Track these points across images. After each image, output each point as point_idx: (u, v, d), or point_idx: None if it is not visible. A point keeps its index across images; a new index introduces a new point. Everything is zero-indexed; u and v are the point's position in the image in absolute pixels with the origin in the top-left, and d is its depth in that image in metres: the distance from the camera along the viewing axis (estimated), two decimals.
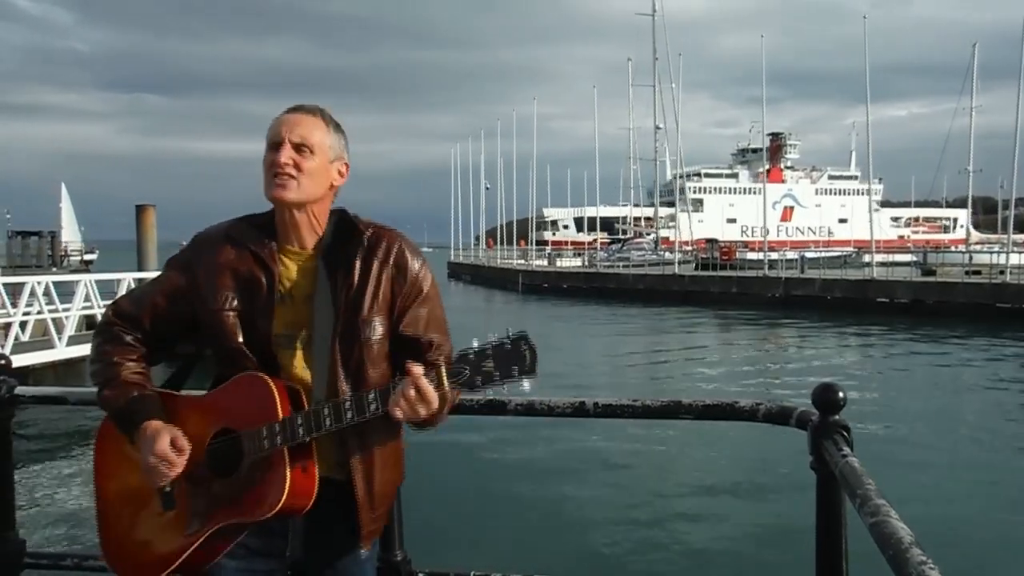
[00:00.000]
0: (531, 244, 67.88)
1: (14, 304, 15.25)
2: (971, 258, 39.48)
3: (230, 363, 1.92)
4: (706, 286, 41.50)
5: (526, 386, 1.73)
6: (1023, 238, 51.09)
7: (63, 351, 14.93)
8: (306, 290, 1.93)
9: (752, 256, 48.63)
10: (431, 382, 1.74)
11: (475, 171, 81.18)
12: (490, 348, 1.72)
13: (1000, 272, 34.00)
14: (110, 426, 1.99)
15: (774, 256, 44.86)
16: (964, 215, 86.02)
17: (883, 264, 40.37)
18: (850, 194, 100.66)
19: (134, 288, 2.19)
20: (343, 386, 1.88)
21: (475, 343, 1.74)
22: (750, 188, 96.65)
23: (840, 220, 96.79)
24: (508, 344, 1.72)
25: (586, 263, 58.59)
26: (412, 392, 1.73)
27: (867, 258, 42.16)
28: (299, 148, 1.92)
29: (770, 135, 66.53)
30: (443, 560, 2.76)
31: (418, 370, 1.74)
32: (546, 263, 61.82)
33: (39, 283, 15.41)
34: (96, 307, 16.34)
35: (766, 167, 61.82)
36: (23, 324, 14.99)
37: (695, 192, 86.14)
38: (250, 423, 1.84)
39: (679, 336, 28.27)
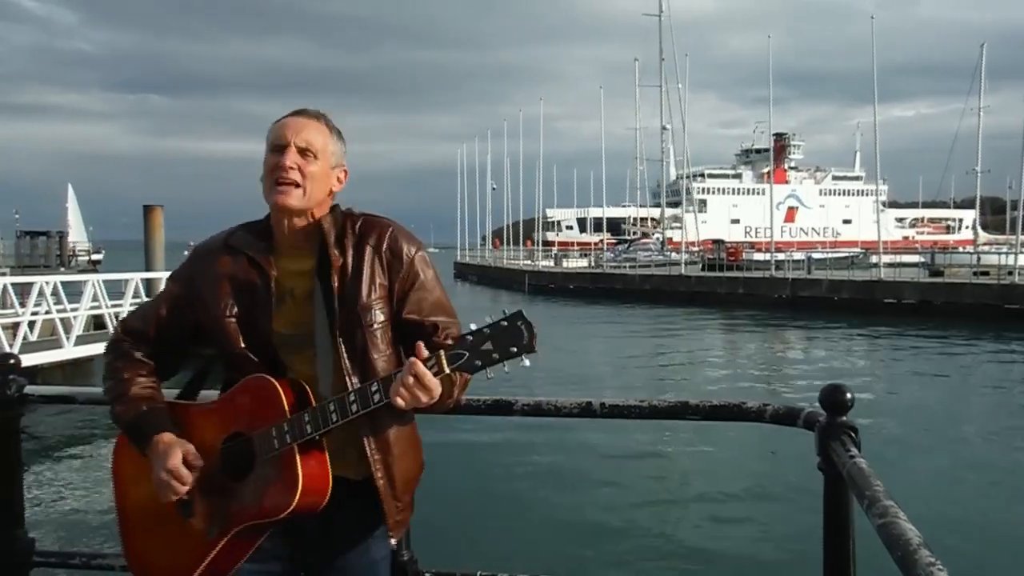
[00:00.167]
0: (538, 245, 67.86)
1: (22, 304, 15.32)
2: (979, 259, 39.31)
3: (236, 368, 1.94)
4: (713, 287, 41.39)
5: (527, 363, 1.73)
6: None
7: (71, 351, 14.98)
8: (306, 289, 1.95)
9: (759, 257, 48.49)
10: (431, 368, 1.74)
11: (481, 171, 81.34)
12: (487, 329, 1.74)
13: (1008, 273, 33.84)
14: (125, 439, 2.02)
15: (781, 257, 44.72)
16: (969, 215, 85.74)
17: (890, 265, 40.23)
18: (854, 195, 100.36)
19: (139, 305, 2.24)
20: (350, 377, 1.89)
21: (472, 326, 1.76)
22: (754, 189, 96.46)
23: (844, 221, 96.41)
24: (505, 323, 1.73)
25: (592, 264, 58.54)
26: (410, 379, 1.74)
27: (874, 259, 42.03)
28: (303, 153, 1.93)
29: (774, 135, 66.28)
30: (449, 560, 2.76)
31: (416, 356, 1.75)
32: (552, 264, 61.81)
33: (47, 283, 15.46)
34: (104, 307, 16.37)
35: (771, 168, 61.70)
36: (31, 324, 15.06)
37: (699, 193, 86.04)
38: (259, 424, 1.86)
39: (686, 337, 28.22)
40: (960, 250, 51.40)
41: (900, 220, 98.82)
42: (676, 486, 10.65)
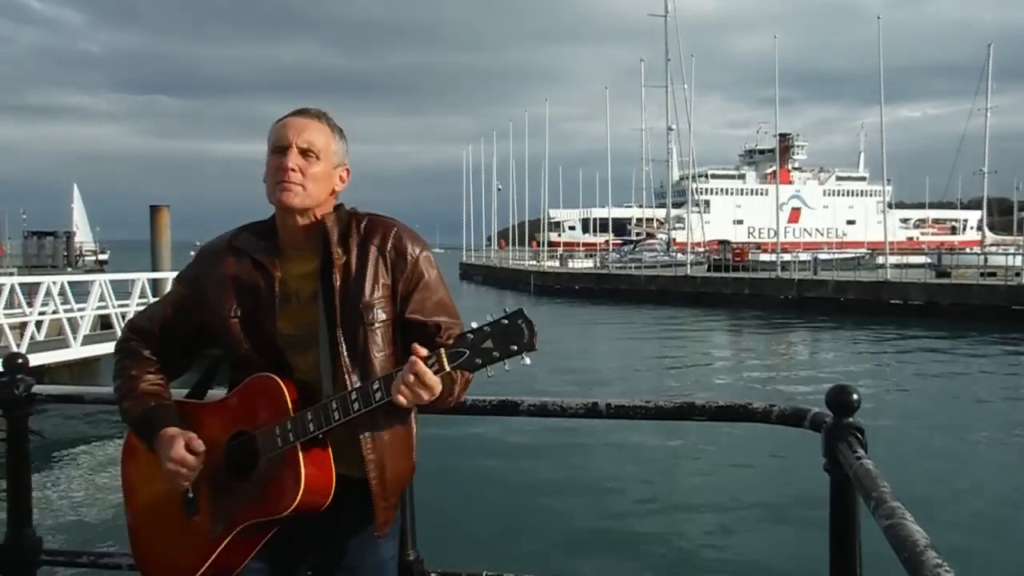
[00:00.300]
0: (543, 245, 67.88)
1: (30, 304, 15.37)
2: (986, 259, 39.16)
3: (242, 368, 1.96)
4: (719, 287, 41.34)
5: (527, 361, 1.73)
6: None
7: (78, 350, 15.03)
8: (311, 290, 1.95)
9: (764, 258, 48.40)
10: (432, 366, 1.74)
11: (487, 172, 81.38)
12: (488, 327, 1.74)
13: (1016, 274, 33.72)
14: (134, 439, 2.04)
15: (787, 257, 44.65)
16: (974, 216, 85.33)
17: (897, 266, 40.11)
18: (858, 195, 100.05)
19: (147, 306, 2.26)
20: (350, 376, 1.90)
21: (473, 324, 1.76)
22: (757, 189, 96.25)
23: (848, 221, 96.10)
24: (505, 321, 1.73)
25: (598, 264, 58.50)
26: (411, 377, 1.74)
27: (880, 259, 41.91)
28: (305, 153, 1.93)
29: (779, 135, 66.20)
30: (456, 560, 2.77)
31: (418, 355, 1.75)
32: (558, 264, 61.79)
33: (54, 283, 15.52)
34: (111, 307, 16.41)
35: (777, 168, 61.56)
36: (39, 323, 15.10)
37: (702, 193, 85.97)
38: (263, 422, 1.87)
39: (692, 337, 28.18)
40: (967, 251, 51.18)
41: (904, 221, 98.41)
42: (682, 487, 10.64)
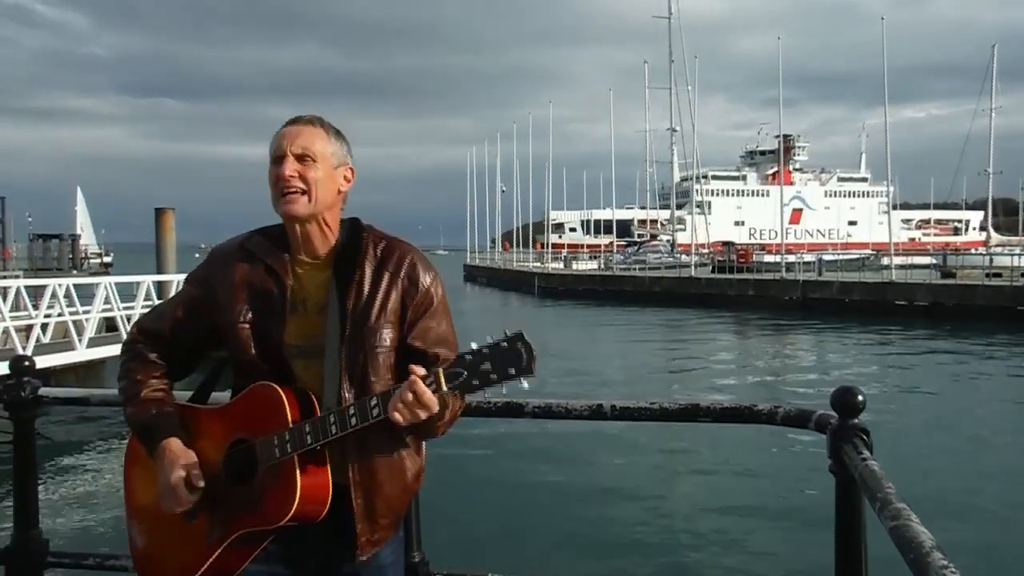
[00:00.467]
0: (547, 247, 67.87)
1: (35, 306, 15.41)
2: (991, 260, 39.06)
3: (246, 374, 1.96)
4: (723, 289, 41.29)
5: (525, 385, 1.72)
6: None
7: (84, 353, 15.04)
8: (320, 301, 1.95)
9: (769, 259, 48.35)
10: (429, 385, 1.75)
11: (491, 174, 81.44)
12: (487, 349, 1.73)
13: (1021, 274, 33.59)
14: (136, 442, 2.05)
15: (791, 259, 44.58)
16: (977, 217, 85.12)
17: (902, 267, 40.03)
18: (859, 196, 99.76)
19: (156, 306, 2.26)
20: (347, 394, 1.90)
21: (473, 345, 1.75)
22: (758, 190, 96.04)
23: (850, 222, 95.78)
24: (505, 344, 1.72)
25: (602, 266, 58.48)
26: (409, 396, 1.74)
27: (885, 260, 41.82)
28: (302, 159, 1.94)
29: (778, 136, 66.18)
30: (461, 562, 2.77)
31: (417, 374, 1.75)
32: (562, 266, 61.78)
33: (60, 285, 15.54)
34: (116, 310, 16.43)
35: (780, 169, 61.45)
36: (44, 326, 15.13)
37: (703, 194, 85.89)
38: (263, 431, 1.87)
39: (696, 339, 28.15)
40: (971, 252, 51.07)
41: (906, 222, 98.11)
42: (687, 488, 10.63)
